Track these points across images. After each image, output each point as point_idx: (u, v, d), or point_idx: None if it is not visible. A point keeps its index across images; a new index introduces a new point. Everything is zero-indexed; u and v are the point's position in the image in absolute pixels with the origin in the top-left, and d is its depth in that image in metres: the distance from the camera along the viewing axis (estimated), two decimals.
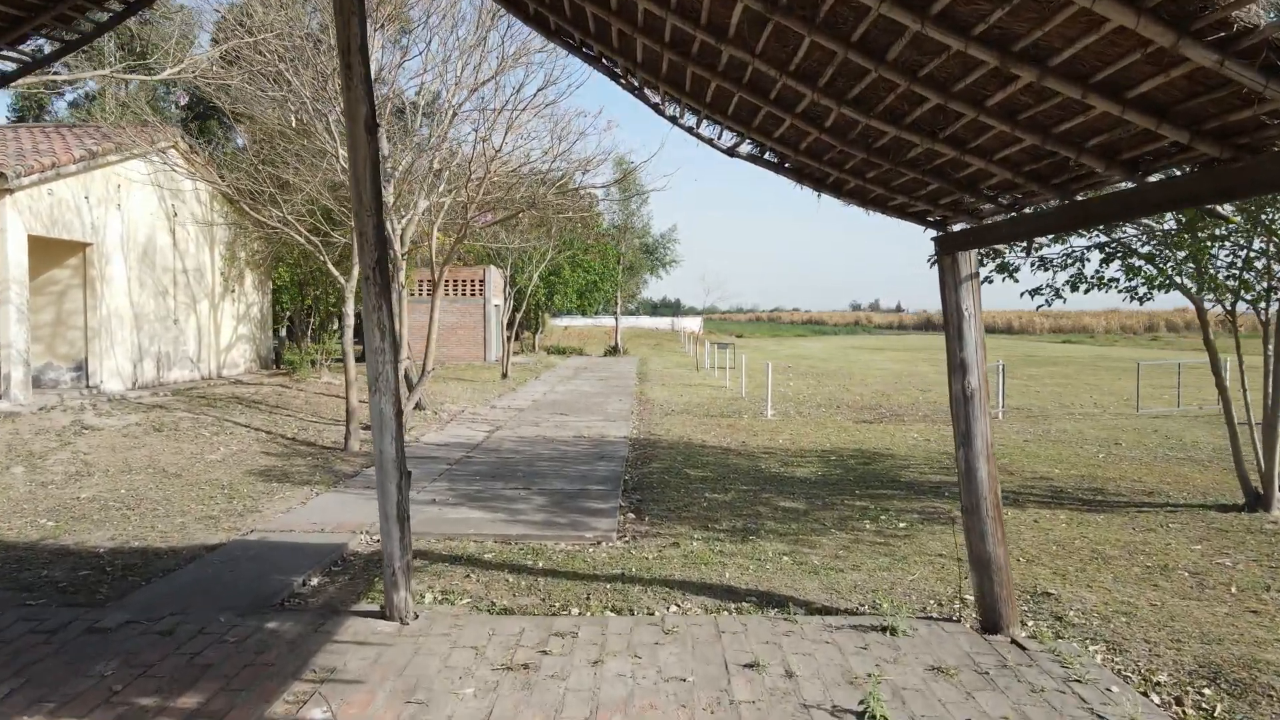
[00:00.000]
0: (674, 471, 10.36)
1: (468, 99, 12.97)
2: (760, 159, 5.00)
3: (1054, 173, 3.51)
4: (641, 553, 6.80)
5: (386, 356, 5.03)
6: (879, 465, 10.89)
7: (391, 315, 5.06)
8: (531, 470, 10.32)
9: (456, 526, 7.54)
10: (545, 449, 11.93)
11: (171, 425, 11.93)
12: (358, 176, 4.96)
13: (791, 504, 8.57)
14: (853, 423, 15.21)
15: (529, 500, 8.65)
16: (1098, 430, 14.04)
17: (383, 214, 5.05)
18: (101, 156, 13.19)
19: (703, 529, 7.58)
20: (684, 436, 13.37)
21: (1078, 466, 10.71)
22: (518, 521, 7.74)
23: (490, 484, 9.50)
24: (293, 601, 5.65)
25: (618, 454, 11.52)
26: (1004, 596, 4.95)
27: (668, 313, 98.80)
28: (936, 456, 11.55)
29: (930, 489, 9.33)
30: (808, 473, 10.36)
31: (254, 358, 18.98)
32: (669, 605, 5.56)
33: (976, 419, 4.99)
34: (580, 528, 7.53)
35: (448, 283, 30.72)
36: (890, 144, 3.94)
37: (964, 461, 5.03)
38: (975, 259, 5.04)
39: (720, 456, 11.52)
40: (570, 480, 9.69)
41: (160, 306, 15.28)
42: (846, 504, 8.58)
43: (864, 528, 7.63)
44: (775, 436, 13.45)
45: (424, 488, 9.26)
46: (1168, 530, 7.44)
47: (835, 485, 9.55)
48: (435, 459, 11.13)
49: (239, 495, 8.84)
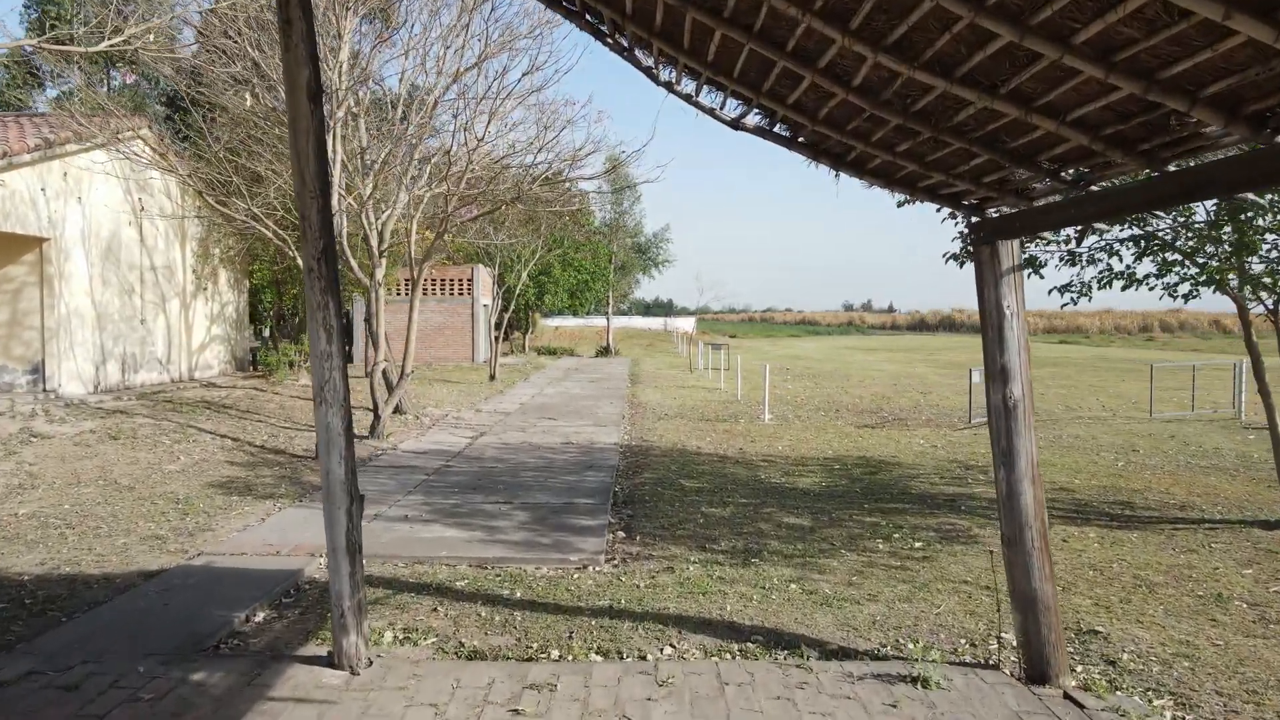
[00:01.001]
0: (668, 482, 9.65)
1: (450, 87, 12.25)
2: (770, 132, 4.29)
3: (1146, 135, 2.82)
4: (632, 579, 6.10)
5: (334, 362, 4.31)
6: (886, 475, 10.21)
7: (339, 314, 4.34)
8: (515, 481, 9.59)
9: (428, 548, 6.81)
10: (531, 457, 11.21)
11: (130, 432, 11.15)
12: (299, 152, 4.24)
13: (796, 520, 7.88)
14: (854, 427, 14.53)
15: (510, 516, 7.93)
16: (1112, 436, 13.39)
17: (330, 196, 4.33)
18: (59, 146, 12.40)
19: (700, 550, 6.87)
20: (678, 443, 12.67)
21: (1098, 476, 10.04)
22: (496, 541, 7.02)
23: (469, 497, 8.78)
24: (230, 643, 4.92)
25: (607, 462, 10.81)
26: (1053, 641, 4.26)
27: (660, 313, 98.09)
28: (946, 465, 10.88)
29: (944, 502, 8.65)
30: (811, 483, 9.67)
31: (229, 359, 18.18)
32: (663, 646, 4.85)
33: (1020, 435, 4.30)
34: (564, 549, 6.81)
35: (435, 282, 29.96)
36: (934, 105, 3.24)
37: (1005, 484, 4.34)
38: (1018, 250, 4.35)
39: (717, 465, 10.82)
40: (556, 493, 8.97)
41: (126, 305, 14.48)
42: (855, 520, 7.89)
43: (877, 548, 6.94)
44: (774, 443, 12.77)
45: (397, 502, 8.53)
46: (1211, 551, 6.77)
47: (841, 498, 8.86)
48: (412, 469, 10.40)
49: (194, 511, 8.09)
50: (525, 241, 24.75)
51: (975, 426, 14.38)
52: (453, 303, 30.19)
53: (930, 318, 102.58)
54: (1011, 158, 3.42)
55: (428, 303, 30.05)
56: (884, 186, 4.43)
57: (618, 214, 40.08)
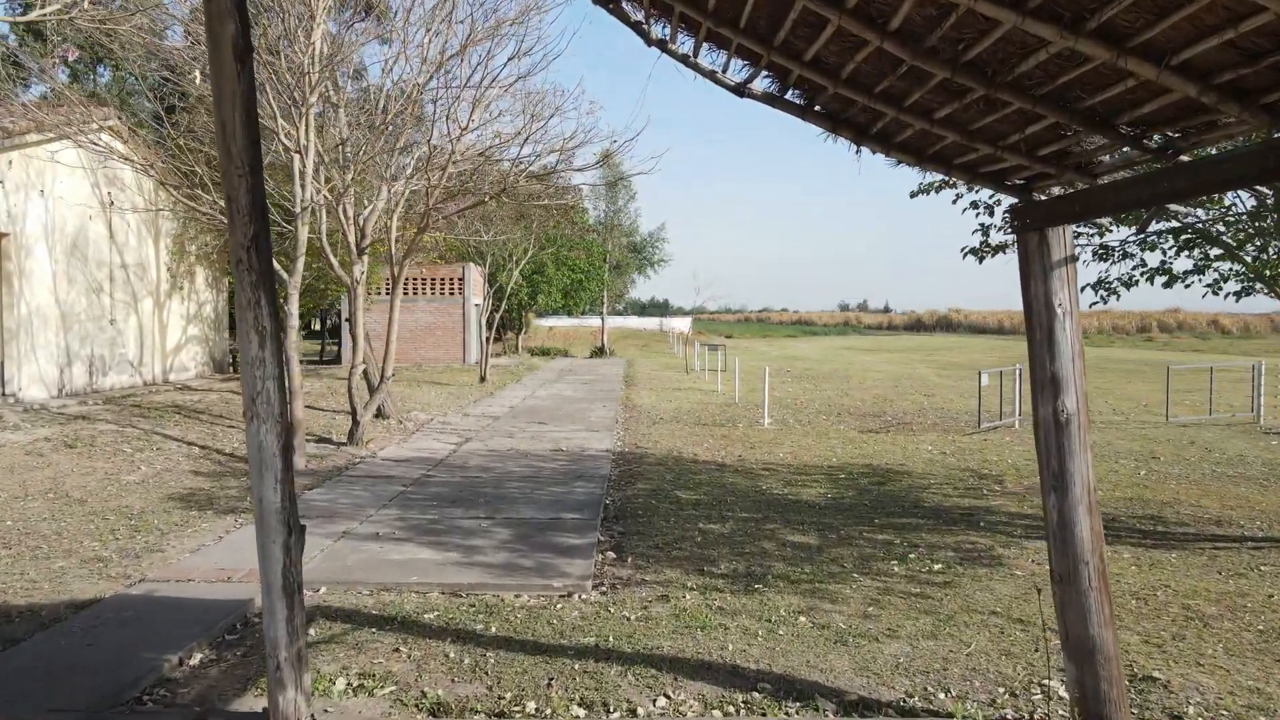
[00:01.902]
0: (662, 494, 9.01)
1: (433, 75, 11.58)
2: (780, 99, 3.65)
3: (1275, 82, 2.18)
4: (621, 610, 5.45)
5: (268, 370, 3.65)
6: (895, 485, 9.58)
7: (271, 314, 3.68)
8: (498, 494, 8.94)
9: (398, 572, 6.16)
10: (517, 466, 10.55)
11: (89, 440, 10.47)
12: (224, 122, 3.58)
13: (802, 538, 7.24)
14: (858, 432, 13.90)
15: (491, 534, 7.27)
16: (1129, 441, 12.79)
17: (261, 173, 3.67)
18: (19, 136, 11.72)
19: (697, 573, 6.23)
20: (673, 449, 12.03)
21: (1121, 487, 9.42)
22: (473, 564, 6.36)
23: (448, 511, 8.12)
24: (157, 694, 4.26)
25: (598, 472, 10.16)
26: (1114, 697, 3.63)
27: (656, 313, 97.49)
28: (958, 475, 10.25)
29: (960, 516, 8.02)
30: (816, 495, 9.03)
31: (207, 361, 17.49)
32: (656, 695, 4.21)
33: (1074, 455, 3.67)
34: (548, 573, 6.16)
35: (425, 281, 29.28)
36: (992, 52, 2.61)
37: (1056, 512, 3.70)
38: (1070, 238, 3.72)
39: (715, 475, 10.18)
40: (542, 506, 8.32)
41: (94, 305, 13.79)
42: (866, 537, 7.25)
43: (892, 571, 6.30)
44: (774, 449, 12.13)
45: (369, 517, 7.87)
46: (1261, 575, 6.14)
47: (849, 512, 8.23)
48: (390, 479, 9.74)
49: (146, 528, 7.43)
50: (517, 240, 24.11)
51: (985, 431, 13.76)
52: (443, 302, 29.52)
53: (927, 318, 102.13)
54: (1084, 120, 2.78)
55: (418, 302, 29.40)
56: (913, 164, 3.79)
57: (612, 212, 39.41)
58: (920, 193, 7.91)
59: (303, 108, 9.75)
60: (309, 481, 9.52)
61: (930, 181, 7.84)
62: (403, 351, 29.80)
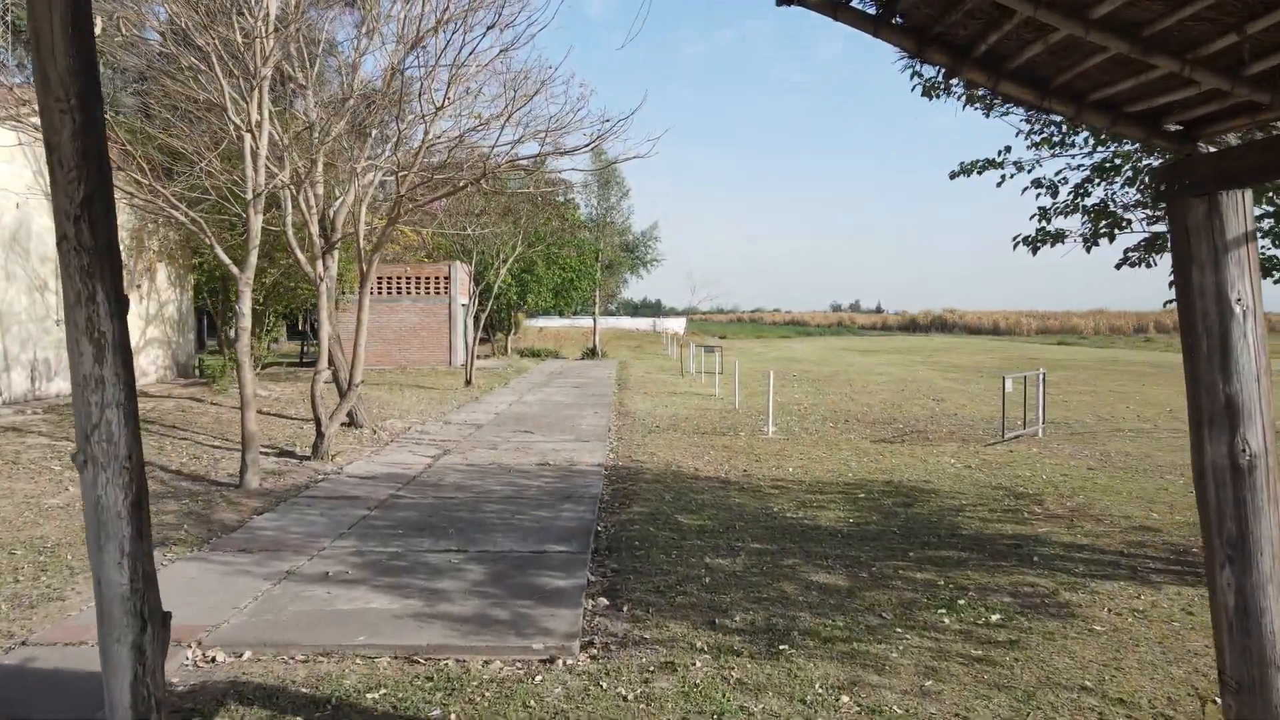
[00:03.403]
0: (662, 519, 7.92)
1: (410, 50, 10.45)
2: (844, 7, 2.56)
3: None
4: (616, 684, 4.35)
5: (108, 394, 2.54)
6: (923, 507, 8.51)
7: (114, 313, 2.57)
8: (474, 519, 7.83)
9: (343, 629, 5.04)
10: (498, 484, 9.44)
11: (12, 456, 9.31)
12: (39, 32, 2.47)
13: (828, 577, 6.15)
14: (870, 443, 12.84)
15: (461, 573, 6.16)
16: (1167, 453, 11.76)
17: (99, 108, 2.55)
18: None
19: (708, 627, 5.14)
20: (672, 463, 10.94)
21: (1179, 509, 8.38)
22: (436, 617, 5.25)
23: (414, 543, 7.01)
24: None
25: (589, 491, 9.06)
26: None
27: (649, 313, 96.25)
28: (991, 494, 9.19)
29: (1007, 548, 6.94)
30: (835, 519, 7.96)
31: (169, 365, 16.31)
32: None
33: (1260, 513, 2.59)
34: (527, 628, 5.05)
35: (410, 280, 28.13)
36: None
37: (1233, 593, 2.62)
38: (1251, 208, 2.64)
39: (719, 493, 9.09)
40: (523, 536, 7.21)
41: (36, 304, 12.62)
42: (903, 575, 6.18)
43: (942, 623, 5.22)
44: (782, 463, 11.05)
45: (321, 550, 6.75)
46: None
47: (877, 541, 7.15)
48: (353, 500, 8.61)
49: (55, 566, 6.30)
50: (504, 236, 22.99)
51: (1009, 442, 12.71)
52: (429, 302, 28.37)
53: (921, 318, 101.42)
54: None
55: (401, 302, 28.25)
56: (1029, 103, 2.70)
57: (604, 209, 38.29)
58: (961, 174, 6.84)
59: (255, 79, 8.62)
60: (260, 504, 8.39)
61: (974, 161, 6.77)
62: (386, 354, 28.64)
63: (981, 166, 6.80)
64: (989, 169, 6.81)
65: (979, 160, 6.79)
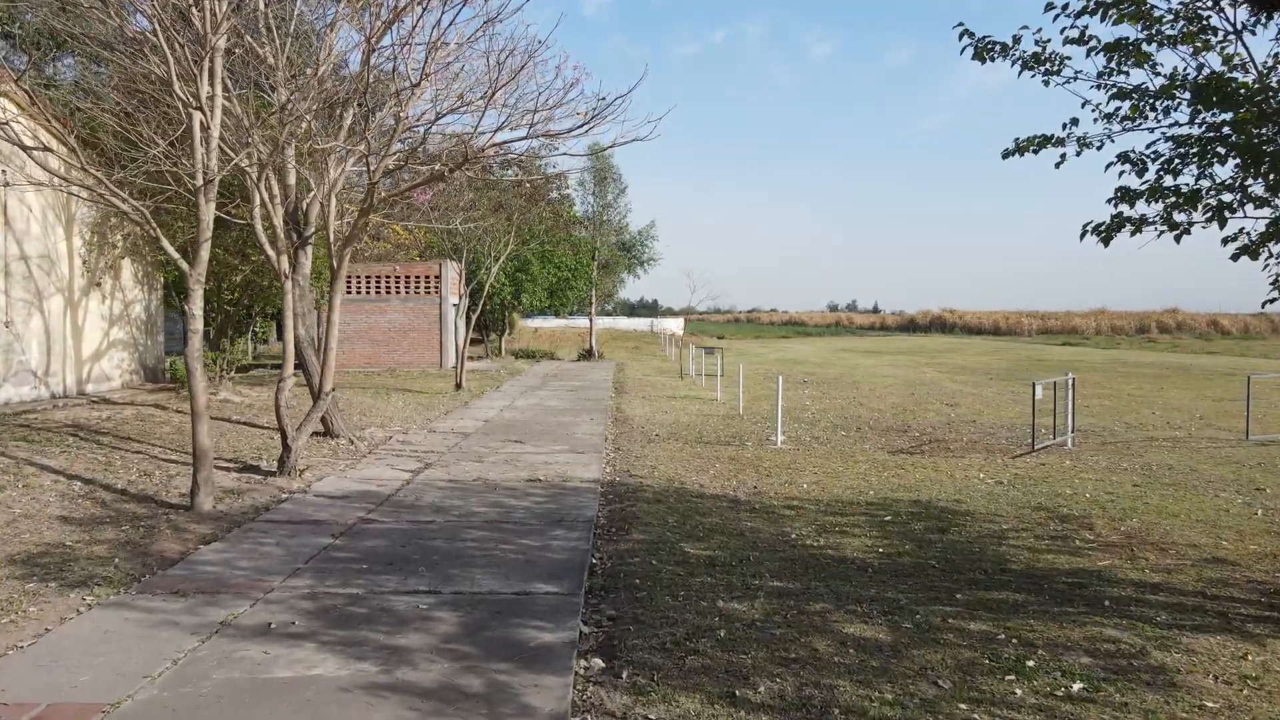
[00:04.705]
0: (666, 548, 6.95)
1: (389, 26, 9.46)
2: None
3: None
4: None
5: None
6: (960, 532, 7.55)
7: None
8: (451, 550, 6.85)
9: (273, 710, 4.05)
10: (482, 505, 8.46)
11: None
12: None
13: (865, 629, 5.18)
14: (887, 453, 11.88)
15: (429, 623, 5.18)
16: (1210, 465, 10.82)
17: None
18: None
19: (727, 701, 4.18)
20: (674, 478, 9.96)
21: (1250, 536, 7.42)
22: (393, 689, 4.27)
23: (380, 581, 6.02)
24: None
25: (583, 514, 8.09)
26: None
27: (646, 313, 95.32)
28: (1031, 515, 8.24)
29: (1068, 587, 5.98)
30: (862, 548, 6.99)
31: (136, 369, 15.28)
32: None
33: None
34: (504, 706, 4.08)
35: (400, 279, 27.13)
36: None
37: None
38: None
39: (728, 516, 8.12)
40: (507, 572, 6.23)
41: None
42: (954, 626, 5.21)
43: (1013, 694, 4.25)
44: (795, 477, 10.08)
45: (269, 592, 5.76)
46: None
47: (915, 578, 6.19)
48: (317, 525, 7.62)
49: None
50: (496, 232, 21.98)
51: (1039, 453, 11.75)
52: (418, 302, 27.38)
53: (920, 318, 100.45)
54: None
55: (390, 302, 27.26)
56: None
57: (600, 207, 37.26)
58: (1015, 152, 5.88)
59: (206, 50, 7.62)
60: (210, 530, 7.39)
61: (1032, 137, 5.80)
62: (375, 356, 27.62)
63: (1039, 143, 5.83)
64: (1047, 146, 5.84)
65: (1036, 136, 5.83)
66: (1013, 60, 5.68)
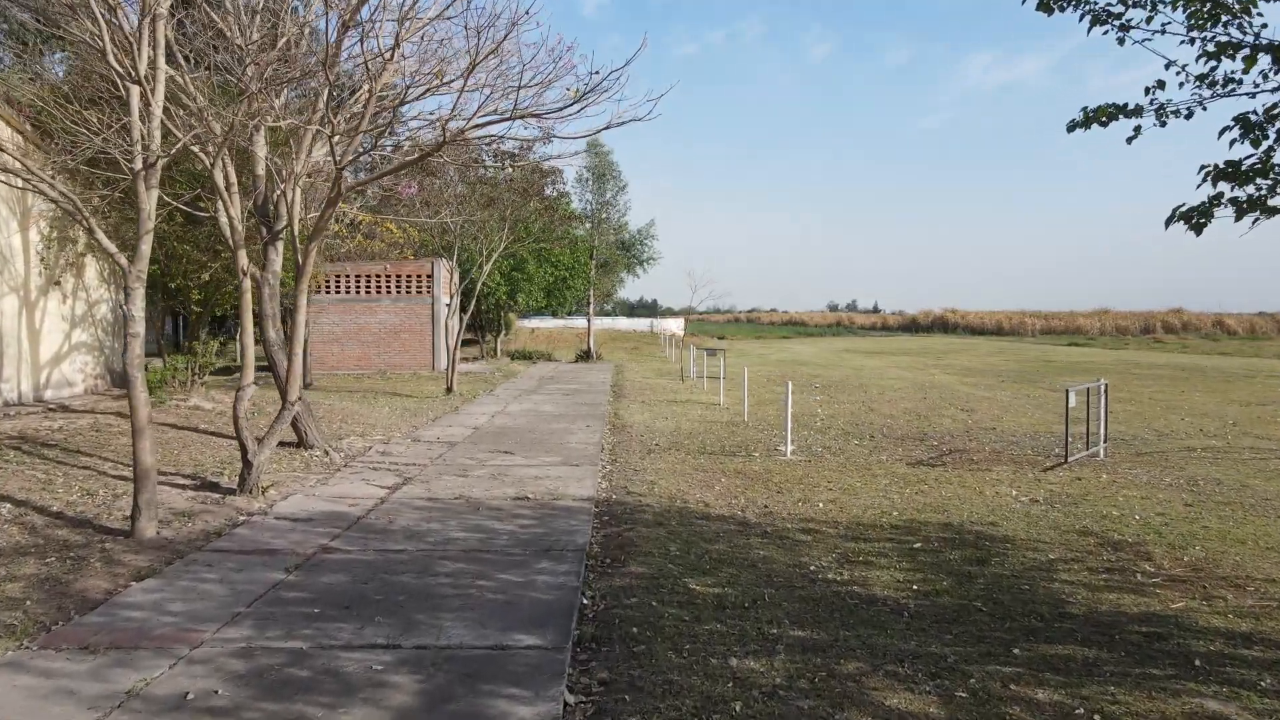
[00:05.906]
0: (668, 585, 6.03)
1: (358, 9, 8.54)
2: None
3: None
4: None
5: None
6: (1002, 564, 6.63)
7: None
8: (421, 586, 5.92)
9: None
10: (461, 530, 7.53)
11: None
12: None
13: (911, 700, 4.25)
14: (907, 466, 10.96)
15: (382, 691, 4.26)
16: (1261, 480, 9.90)
17: None
18: None
19: None
20: (676, 496, 9.04)
21: None
22: None
23: (329, 632, 5.10)
24: None
25: (574, 540, 7.16)
26: None
27: (645, 313, 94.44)
28: (1078, 541, 7.32)
29: (1143, 639, 5.06)
30: (893, 584, 6.07)
31: (101, 373, 14.35)
32: None
33: None
34: None
35: (390, 278, 26.21)
36: None
37: None
38: None
39: (738, 542, 7.20)
40: (481, 617, 5.31)
41: None
42: (1018, 695, 4.29)
43: None
44: (809, 494, 9.17)
45: (199, 644, 4.84)
46: None
47: (959, 624, 5.27)
48: (271, 556, 6.70)
49: None
50: (489, 228, 21.06)
51: (1072, 466, 10.83)
52: (410, 302, 26.46)
53: (922, 318, 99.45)
54: None
55: (380, 302, 26.34)
56: None
57: (599, 205, 36.30)
58: (1081, 125, 4.96)
59: (146, 16, 6.70)
60: (148, 562, 6.47)
61: (1102, 106, 4.88)
62: (366, 357, 26.67)
63: (1111, 113, 4.91)
64: (1119, 117, 4.92)
65: (1108, 105, 4.91)
66: (1082, 13, 4.76)
